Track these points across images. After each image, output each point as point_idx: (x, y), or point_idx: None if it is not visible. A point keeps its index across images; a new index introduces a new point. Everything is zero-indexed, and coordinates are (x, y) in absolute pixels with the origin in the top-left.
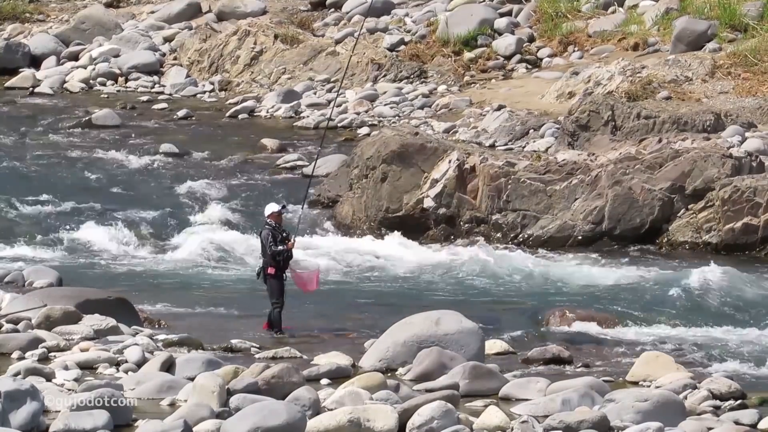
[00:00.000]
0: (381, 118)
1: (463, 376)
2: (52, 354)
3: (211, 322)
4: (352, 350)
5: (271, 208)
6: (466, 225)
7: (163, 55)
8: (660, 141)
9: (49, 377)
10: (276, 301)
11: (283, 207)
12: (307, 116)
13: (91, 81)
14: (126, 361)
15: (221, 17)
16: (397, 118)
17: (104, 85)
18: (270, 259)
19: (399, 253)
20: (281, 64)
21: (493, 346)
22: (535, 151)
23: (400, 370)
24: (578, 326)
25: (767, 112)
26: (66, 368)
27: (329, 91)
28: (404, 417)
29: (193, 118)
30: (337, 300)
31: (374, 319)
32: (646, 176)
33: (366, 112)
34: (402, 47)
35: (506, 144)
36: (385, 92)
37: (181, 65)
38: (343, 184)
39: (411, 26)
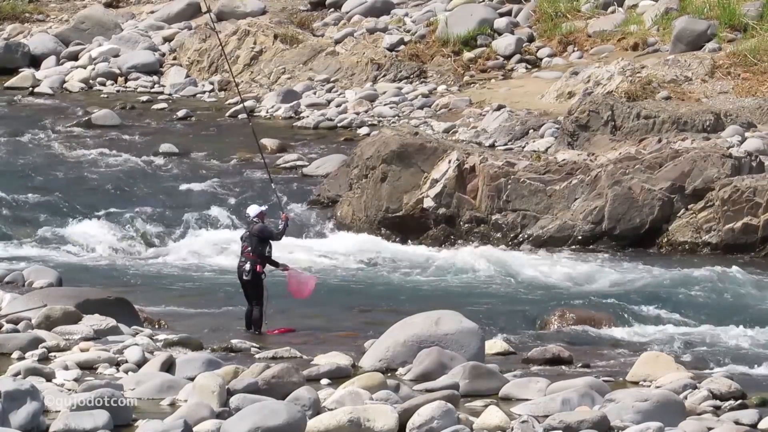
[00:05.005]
0: (381, 118)
1: (463, 376)
2: (52, 354)
3: (211, 322)
4: (352, 350)
5: (256, 208)
6: (466, 225)
7: (163, 55)
8: (660, 141)
9: (49, 377)
10: (259, 301)
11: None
12: (307, 116)
13: (90, 81)
14: (126, 361)
15: (221, 17)
16: (396, 118)
17: (104, 85)
18: (258, 260)
19: (399, 253)
20: (281, 64)
21: (493, 346)
22: (534, 151)
23: (400, 370)
24: (578, 326)
25: (767, 112)
26: (66, 368)
27: (329, 91)
28: (404, 417)
29: (193, 118)
30: (337, 300)
31: (374, 319)
32: (646, 176)
33: (366, 112)
34: (402, 47)
35: (506, 144)
36: (384, 92)
37: (181, 65)
38: (343, 184)
39: (411, 26)
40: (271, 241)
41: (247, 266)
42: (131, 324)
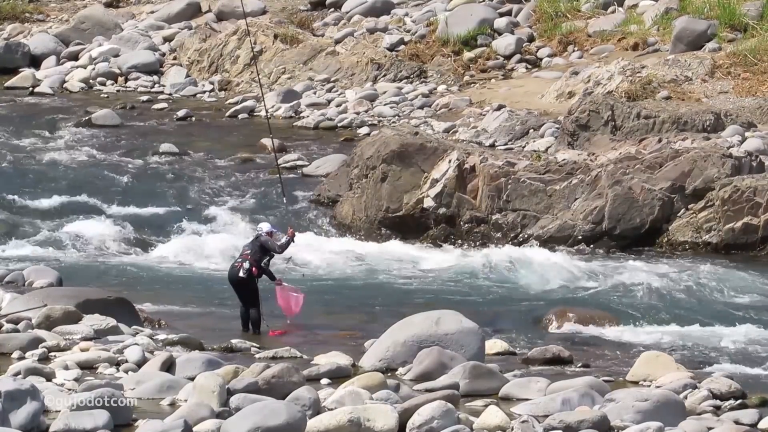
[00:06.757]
0: (381, 118)
1: (463, 376)
2: (53, 354)
3: (211, 322)
4: (352, 350)
5: (268, 226)
6: (466, 225)
7: (163, 54)
8: (660, 141)
9: (49, 377)
10: (256, 302)
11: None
12: (307, 116)
13: (90, 81)
14: (126, 361)
15: (221, 17)
16: (397, 117)
17: (104, 84)
18: (254, 263)
19: (399, 253)
20: (281, 63)
21: (493, 346)
22: (535, 150)
23: (400, 370)
24: (578, 326)
25: (767, 111)
26: (66, 368)
27: (329, 91)
28: (404, 417)
29: (193, 118)
30: (337, 300)
31: (374, 319)
32: (646, 176)
33: (366, 111)
34: (402, 47)
35: (506, 144)
36: (384, 92)
37: (181, 65)
38: (343, 183)
39: (411, 26)
40: (271, 254)
41: (246, 264)
42: (131, 324)
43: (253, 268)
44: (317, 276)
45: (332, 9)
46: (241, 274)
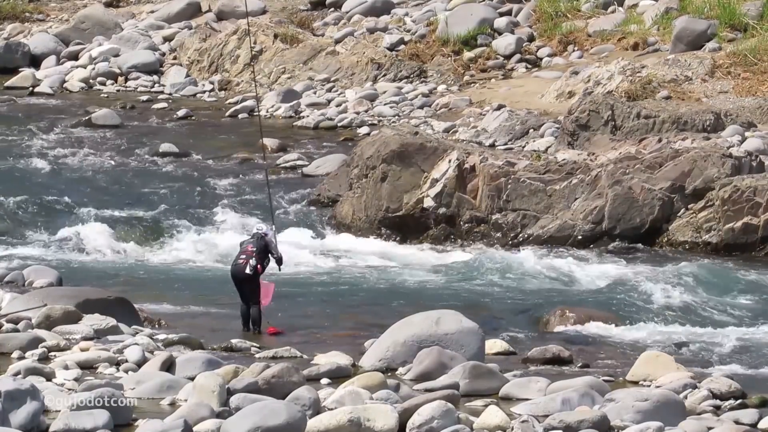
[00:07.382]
0: (381, 118)
1: (463, 376)
2: (52, 354)
3: (211, 322)
4: (352, 350)
5: (266, 227)
6: (466, 225)
7: (163, 54)
8: (660, 141)
9: (49, 377)
10: (256, 300)
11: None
12: (307, 116)
13: (90, 80)
14: (126, 361)
15: (221, 17)
16: (396, 117)
17: (104, 84)
18: (259, 261)
19: (399, 253)
20: (281, 63)
21: (493, 345)
22: (535, 150)
23: (400, 370)
24: (578, 326)
25: (767, 111)
26: (66, 368)
27: (329, 90)
28: (404, 416)
29: (193, 118)
30: (337, 300)
31: (374, 319)
32: (646, 176)
33: (366, 111)
34: (402, 47)
35: (506, 144)
36: (384, 92)
37: (181, 65)
38: (343, 183)
39: (411, 26)
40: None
41: (252, 261)
42: (131, 324)
43: (258, 266)
44: (317, 276)
45: (332, 9)
46: (247, 270)
